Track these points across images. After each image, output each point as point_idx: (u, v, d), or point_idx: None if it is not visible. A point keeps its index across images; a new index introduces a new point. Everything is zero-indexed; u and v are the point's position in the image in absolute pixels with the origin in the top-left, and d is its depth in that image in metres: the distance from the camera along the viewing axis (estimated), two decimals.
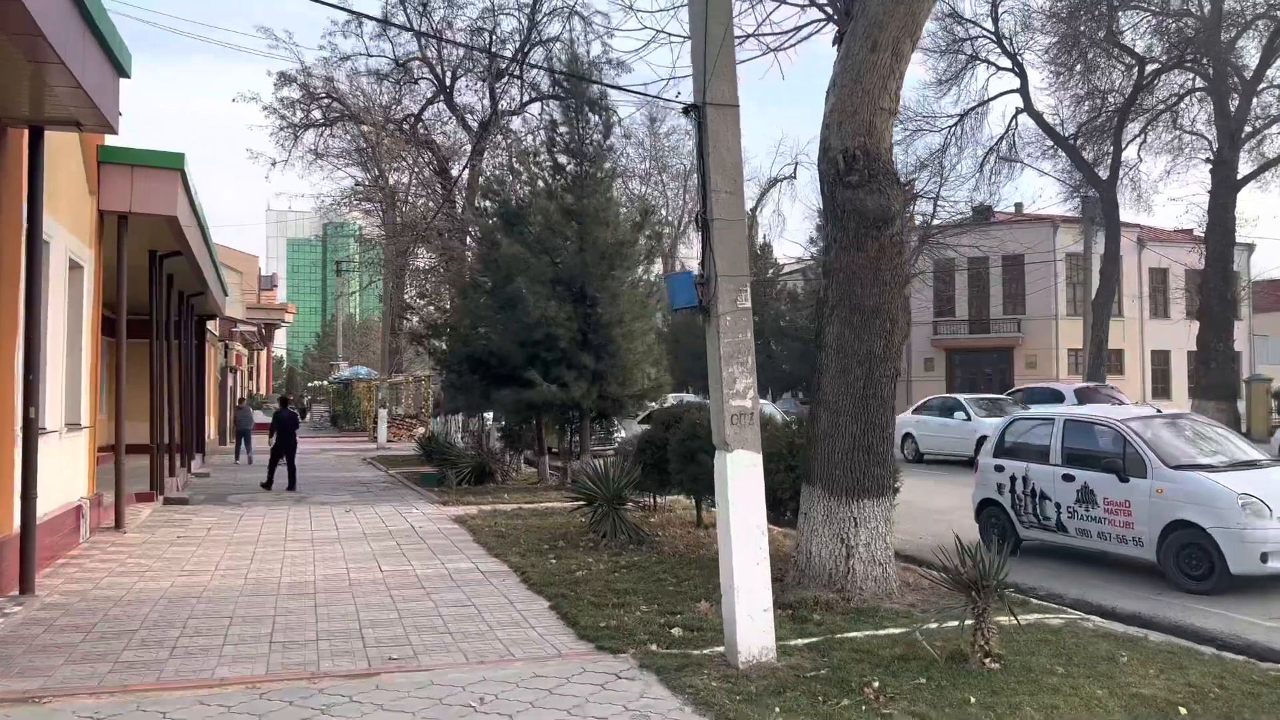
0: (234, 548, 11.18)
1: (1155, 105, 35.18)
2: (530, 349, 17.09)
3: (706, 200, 6.24)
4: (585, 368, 16.80)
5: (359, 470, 23.53)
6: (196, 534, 12.29)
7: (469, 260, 21.83)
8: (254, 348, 49.15)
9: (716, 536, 11.33)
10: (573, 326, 16.68)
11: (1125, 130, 33.64)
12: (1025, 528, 10.29)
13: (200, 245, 15.44)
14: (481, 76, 29.79)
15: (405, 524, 13.22)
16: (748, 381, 6.19)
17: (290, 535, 12.19)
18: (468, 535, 12.07)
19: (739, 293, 6.22)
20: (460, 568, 9.83)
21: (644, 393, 17.72)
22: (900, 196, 7.69)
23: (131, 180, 11.98)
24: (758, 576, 6.10)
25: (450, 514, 14.30)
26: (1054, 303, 48.81)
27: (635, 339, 17.07)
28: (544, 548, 10.93)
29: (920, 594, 8.24)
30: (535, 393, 16.35)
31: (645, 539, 11.29)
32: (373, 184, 32.17)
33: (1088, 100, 35.64)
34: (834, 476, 7.98)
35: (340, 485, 19.39)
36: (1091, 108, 35.26)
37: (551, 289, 16.71)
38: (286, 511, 14.72)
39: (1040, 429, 10.38)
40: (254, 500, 16.59)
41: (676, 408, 12.64)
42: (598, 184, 17.28)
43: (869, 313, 7.76)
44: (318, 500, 16.62)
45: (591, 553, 10.63)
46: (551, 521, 13.07)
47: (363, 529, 12.74)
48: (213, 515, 14.34)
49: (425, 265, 29.32)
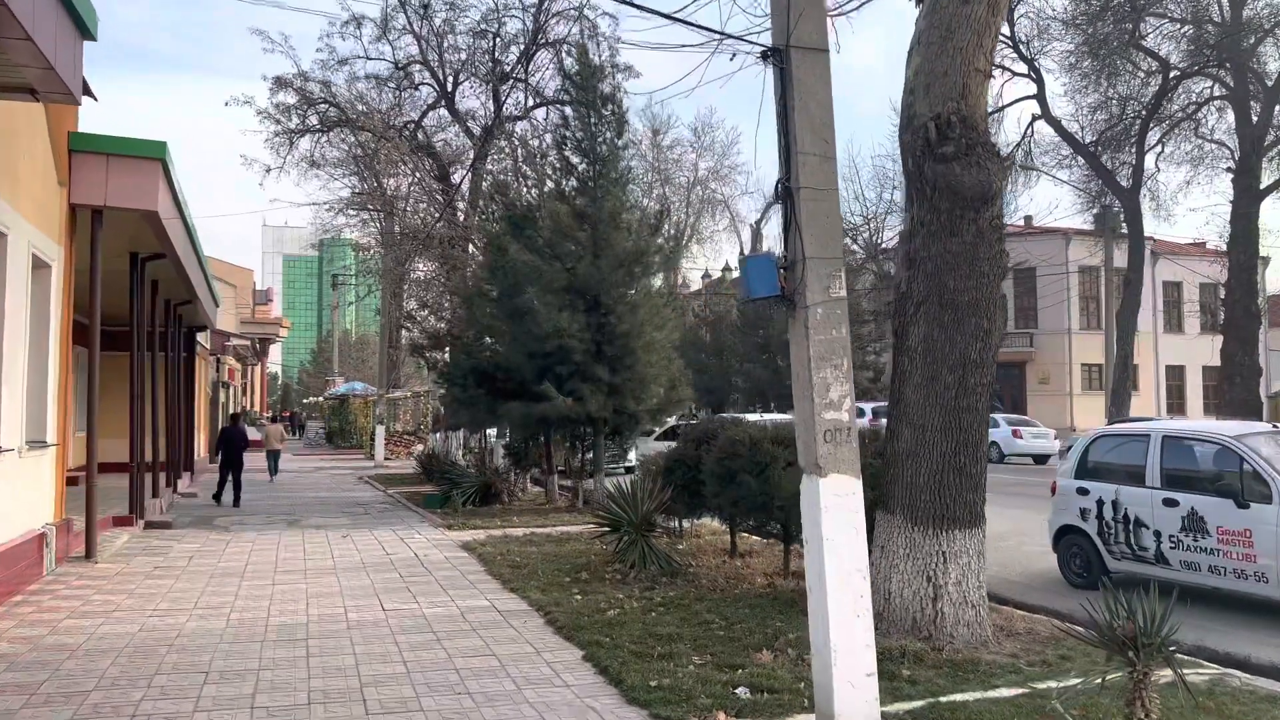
0: (217, 581, 9.93)
1: (1174, 114, 34.24)
2: (541, 361, 15.90)
3: (790, 165, 5.07)
4: (600, 381, 15.62)
5: (356, 490, 22.27)
6: (177, 563, 11.04)
7: (473, 269, 20.66)
8: (248, 363, 47.90)
9: (752, 568, 10.09)
10: (586, 338, 15.51)
11: (1146, 138, 32.62)
12: (1115, 559, 9.07)
13: (186, 247, 14.26)
14: (485, 80, 28.74)
15: (408, 551, 11.98)
16: (843, 389, 5.00)
17: (280, 565, 10.95)
18: (478, 565, 10.83)
19: (832, 278, 5.04)
20: (474, 606, 8.60)
21: (662, 407, 16.53)
22: (1001, 172, 6.54)
23: (107, 171, 10.81)
24: (859, 634, 4.90)
25: (457, 539, 13.06)
26: (1067, 316, 47.75)
27: (653, 351, 15.89)
28: (565, 580, 9.70)
29: (1020, 641, 7.03)
30: (549, 407, 15.15)
31: (678, 570, 10.07)
32: (370, 193, 31.06)
33: (1104, 108, 34.70)
34: (919, 503, 6.79)
35: (336, 507, 18.14)
36: (1109, 115, 34.30)
37: (564, 298, 15.54)
38: (278, 537, 13.47)
39: (1131, 446, 9.18)
40: (243, 524, 15.33)
41: (709, 423, 11.46)
42: (612, 186, 16.14)
43: (963, 309, 6.58)
44: (312, 524, 15.37)
45: (620, 586, 9.41)
46: (570, 549, 11.84)
47: (361, 557, 11.50)
48: (196, 541, 13.09)
49: (425, 275, 28.12)
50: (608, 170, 16.15)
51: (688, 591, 9.12)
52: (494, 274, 16.99)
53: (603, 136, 16.17)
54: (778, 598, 8.68)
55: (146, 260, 14.00)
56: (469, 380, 18.03)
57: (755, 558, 11.09)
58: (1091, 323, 48.97)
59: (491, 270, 16.86)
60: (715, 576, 9.90)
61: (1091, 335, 48.51)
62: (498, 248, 17.21)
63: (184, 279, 15.78)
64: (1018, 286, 48.76)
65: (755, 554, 11.30)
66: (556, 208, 15.69)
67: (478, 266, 19.68)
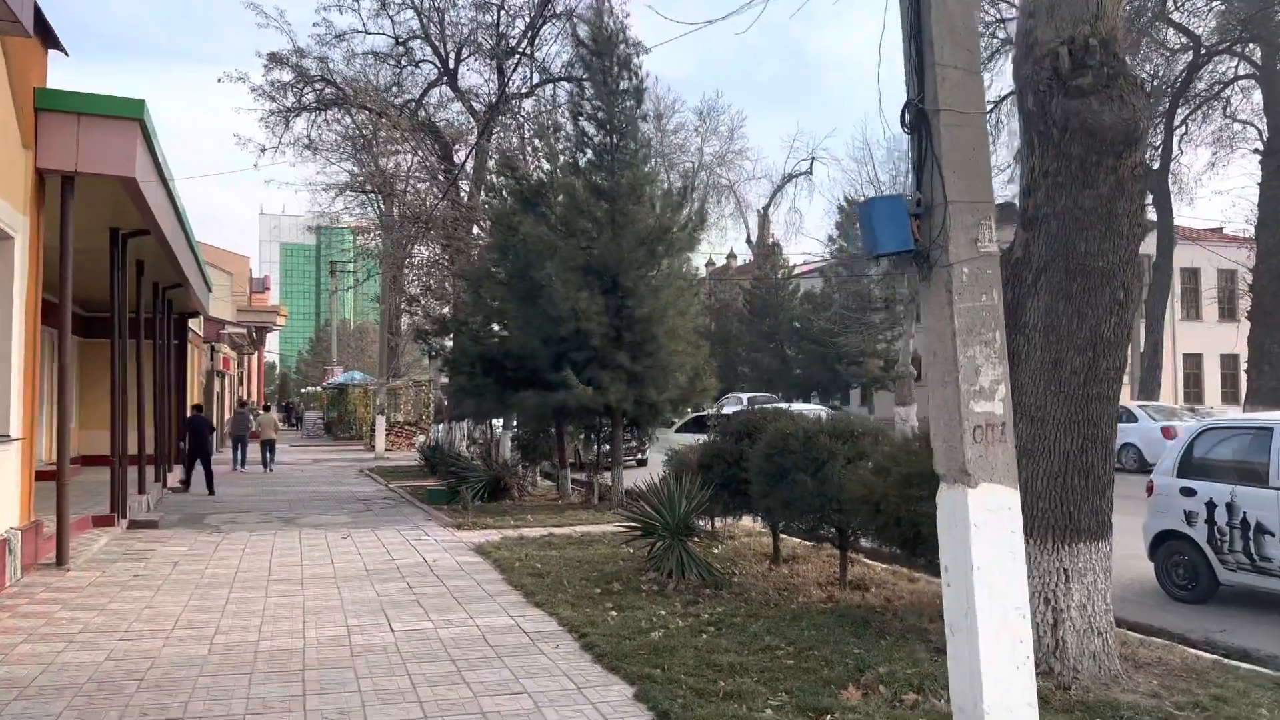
0: (202, 592, 8.80)
1: (1199, 93, 33.04)
2: (556, 347, 14.77)
3: (924, 80, 3.93)
4: (620, 368, 14.48)
5: (356, 484, 21.14)
6: (159, 571, 9.90)
7: (479, 250, 19.50)
8: (244, 351, 46.72)
9: (802, 577, 8.93)
10: (605, 322, 14.36)
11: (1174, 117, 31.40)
12: (1229, 570, 7.95)
13: (172, 223, 13.09)
14: (489, 56, 27.50)
15: (416, 555, 10.85)
16: (997, 372, 3.87)
17: (275, 572, 9.82)
18: (496, 573, 9.71)
19: (980, 228, 3.91)
20: (496, 625, 7.47)
21: (685, 397, 15.39)
22: (1148, 109, 5.39)
23: (78, 132, 9.63)
24: (1018, 690, 3.78)
25: (468, 541, 11.94)
26: None
27: (678, 337, 14.74)
28: (596, 593, 8.58)
29: (1153, 674, 5.91)
30: (568, 396, 14.01)
31: (721, 580, 8.96)
32: (369, 175, 29.88)
33: None
34: (1035, 511, 5.65)
35: (335, 502, 17.02)
36: None
37: (582, 277, 14.39)
38: (272, 539, 12.34)
39: (1248, 440, 8.05)
40: (235, 523, 14.20)
41: (750, 414, 10.32)
42: (631, 158, 14.97)
43: (1095, 277, 5.43)
44: (310, 522, 14.25)
45: (658, 600, 8.29)
46: (594, 553, 10.71)
47: (364, 563, 10.37)
48: (184, 543, 11.96)
49: (428, 258, 26.94)
50: (626, 142, 14.97)
51: (737, 607, 8.00)
52: (503, 254, 15.82)
53: (620, 106, 14.98)
54: (844, 615, 7.57)
55: (128, 237, 12.83)
56: (476, 368, 16.90)
57: (802, 564, 9.98)
58: None
59: (501, 250, 15.69)
60: (763, 588, 8.78)
61: None
62: (507, 226, 16.03)
63: (170, 258, 14.62)
64: None
65: (801, 559, 10.19)
66: (571, 181, 14.53)
67: (484, 248, 18.53)
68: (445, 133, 28.24)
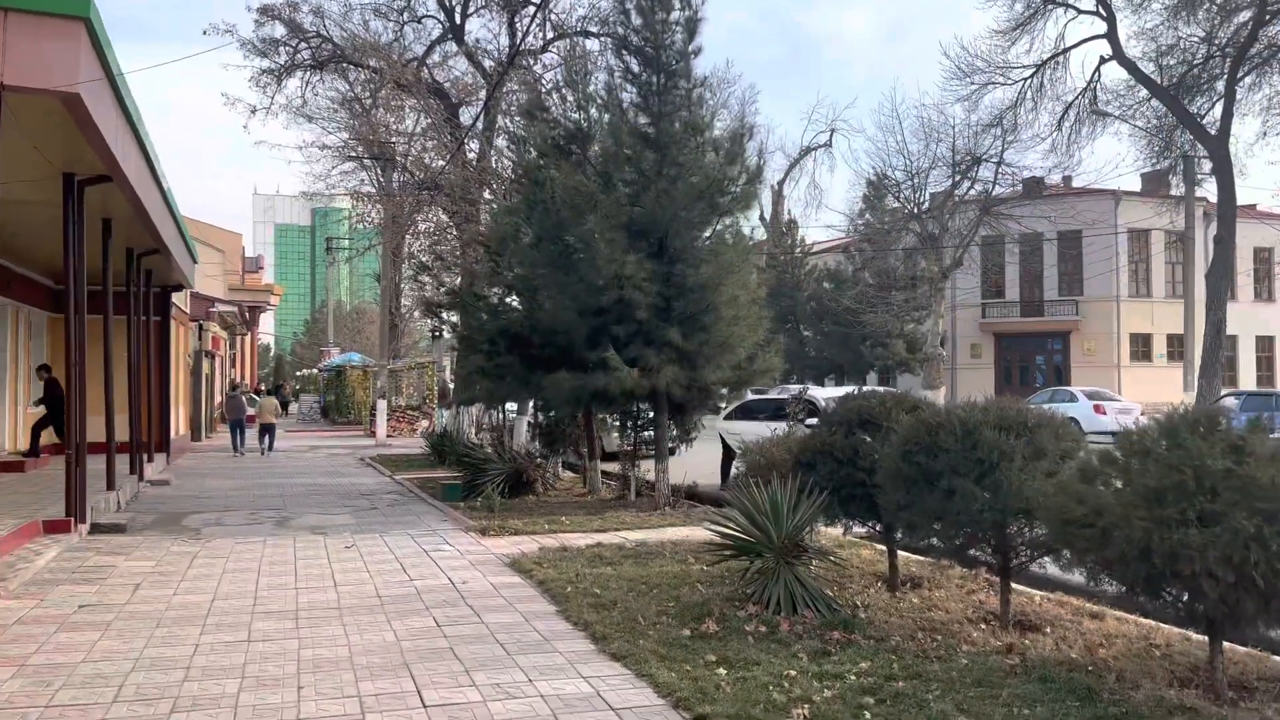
0: (165, 635, 6.68)
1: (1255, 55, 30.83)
2: (593, 320, 12.64)
3: None
4: (670, 345, 12.36)
5: (357, 474, 19.04)
6: (113, 599, 7.78)
7: (495, 213, 17.32)
8: (236, 331, 44.52)
9: (942, 609, 6.96)
10: (653, 291, 12.23)
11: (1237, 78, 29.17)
12: None
13: (138, 165, 10.91)
14: (500, 6, 25.23)
15: (439, 574, 8.74)
16: None
17: (262, 600, 7.70)
18: (546, 601, 7.60)
19: None
20: (569, 694, 5.35)
21: (742, 380, 13.26)
22: None
23: (4, 34, 7.44)
24: None
25: (499, 552, 9.84)
26: (1115, 284, 44.55)
27: (740, 307, 12.60)
28: (685, 634, 6.47)
29: None
30: (610, 379, 11.88)
31: (844, 617, 6.86)
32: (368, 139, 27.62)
33: (1174, 51, 31.30)
34: None
35: (336, 498, 14.91)
36: (1186, 57, 30.88)
37: (626, 237, 12.25)
38: (261, 548, 10.22)
39: None
40: (219, 524, 12.10)
41: (866, 399, 8.15)
42: (684, 100, 12.79)
43: None
44: (306, 523, 12.15)
45: (773, 646, 6.20)
46: (660, 571, 8.63)
47: (375, 585, 8.25)
48: (152, 554, 9.84)
49: (435, 226, 24.74)
50: (675, 81, 12.78)
51: (885, 660, 5.90)
52: (530, 211, 13.62)
53: (670, 37, 12.78)
54: (1048, 679, 5.46)
55: (86, 184, 10.64)
56: (498, 345, 14.78)
57: (930, 590, 7.89)
58: (1141, 290, 45.90)
59: (528, 206, 13.49)
60: (902, 627, 6.68)
61: (1139, 303, 45.46)
62: (535, 181, 13.84)
63: (141, 214, 12.42)
64: (1062, 251, 45.57)
65: (927, 584, 8.10)
66: (615, 123, 12.35)
67: (504, 210, 16.35)
68: (451, 91, 26.01)
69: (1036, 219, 38.43)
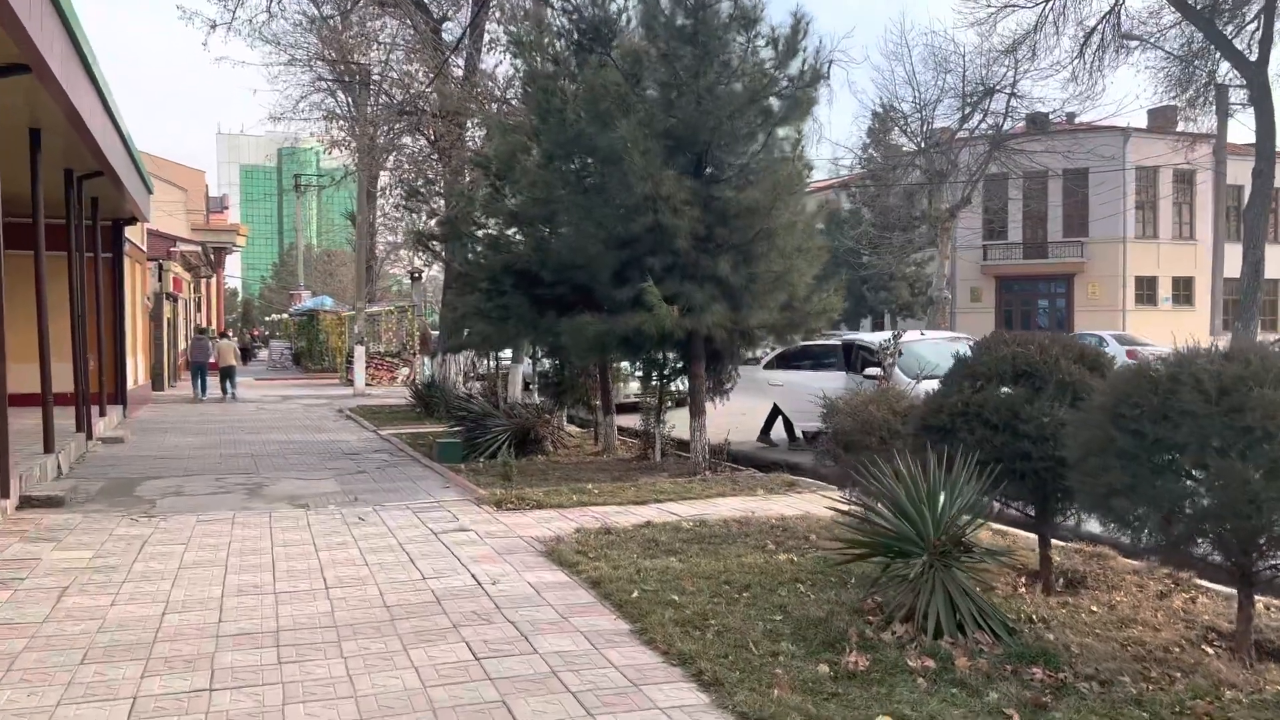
0: (91, 679, 4.74)
1: None
2: (621, 252, 10.67)
3: None
4: (714, 280, 10.42)
5: (337, 429, 17.06)
6: (28, 614, 5.82)
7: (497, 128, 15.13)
8: (200, 274, 41.96)
9: (1149, 621, 4.99)
10: (694, 215, 10.24)
11: None
12: None
13: (63, 47, 8.69)
14: None
15: (459, 570, 6.83)
16: None
17: (230, 614, 5.76)
18: (610, 612, 5.71)
19: None
20: None
21: (795, 321, 11.33)
22: None
23: None
24: None
25: (525, 532, 7.96)
26: (1122, 224, 42.92)
27: (798, 236, 10.65)
28: (824, 671, 4.62)
29: None
30: (646, 319, 9.92)
31: (1031, 643, 5.05)
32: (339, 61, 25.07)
33: None
34: None
35: (316, 458, 12.97)
36: None
37: (663, 151, 10.22)
38: (229, 530, 8.27)
39: None
40: (179, 493, 10.15)
41: (1017, 346, 6.27)
42: None
43: None
44: (283, 492, 10.22)
45: (955, 691, 4.39)
46: (741, 563, 6.77)
47: (379, 588, 6.34)
48: (92, 539, 7.87)
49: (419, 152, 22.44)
50: None
51: (1127, 714, 4.10)
52: (542, 123, 11.48)
53: None
54: None
55: None
56: (500, 284, 12.79)
57: (1102, 591, 6.10)
58: (1148, 231, 44.31)
59: (540, 116, 11.35)
60: (1115, 656, 4.87)
61: (1147, 245, 43.91)
62: (545, 91, 11.69)
63: (75, 121, 10.19)
64: (1068, 189, 43.77)
65: (1090, 581, 6.31)
66: (650, 6, 10.24)
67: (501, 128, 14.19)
68: (432, 5, 23.51)
69: (1048, 154, 36.50)
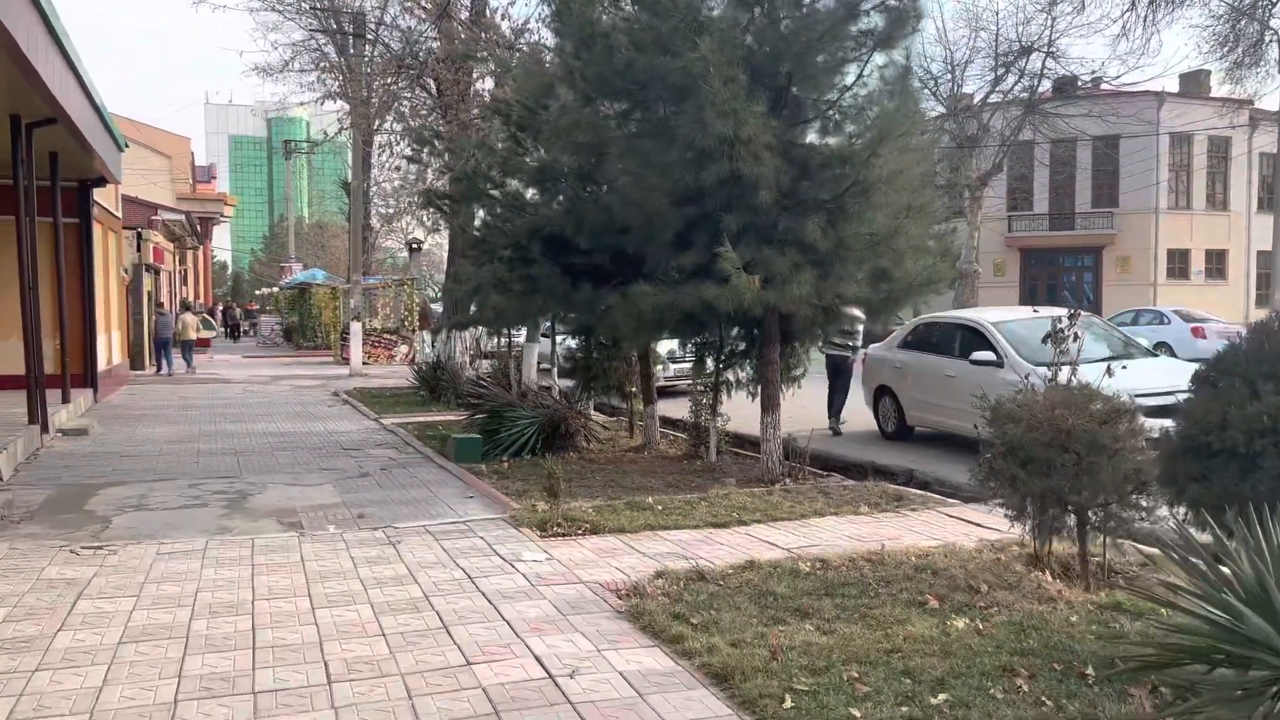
0: None
1: None
2: (689, 209, 8.66)
3: None
4: (798, 244, 8.42)
5: (333, 416, 15.09)
6: None
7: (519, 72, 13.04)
8: (186, 245, 39.77)
9: None
10: (776, 163, 8.23)
11: None
12: None
13: None
14: None
15: (516, 646, 4.87)
16: None
17: None
18: None
19: None
20: None
21: (898, 294, 9.33)
22: None
23: None
24: None
25: (585, 573, 6.00)
26: (1155, 195, 40.93)
27: (906, 191, 8.65)
28: None
29: None
30: (720, 292, 7.94)
31: None
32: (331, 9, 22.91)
33: None
34: None
35: (309, 455, 11.02)
36: None
37: (740, 86, 8.17)
38: (197, 570, 6.29)
39: None
40: (141, 508, 8.18)
41: None
42: None
43: None
44: (271, 503, 8.28)
45: None
46: (914, 634, 4.82)
47: (404, 680, 4.37)
48: (7, 589, 5.90)
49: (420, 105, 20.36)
50: None
51: None
52: (582, 53, 9.38)
53: None
54: None
55: None
56: (526, 251, 10.82)
57: None
58: (1180, 202, 42.36)
59: (583, 44, 9.28)
60: None
61: (1179, 215, 41.99)
62: (584, 18, 9.60)
63: (9, 48, 8.12)
64: (1096, 158, 41.74)
65: None
66: None
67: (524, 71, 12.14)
68: None
69: (1085, 118, 34.44)
